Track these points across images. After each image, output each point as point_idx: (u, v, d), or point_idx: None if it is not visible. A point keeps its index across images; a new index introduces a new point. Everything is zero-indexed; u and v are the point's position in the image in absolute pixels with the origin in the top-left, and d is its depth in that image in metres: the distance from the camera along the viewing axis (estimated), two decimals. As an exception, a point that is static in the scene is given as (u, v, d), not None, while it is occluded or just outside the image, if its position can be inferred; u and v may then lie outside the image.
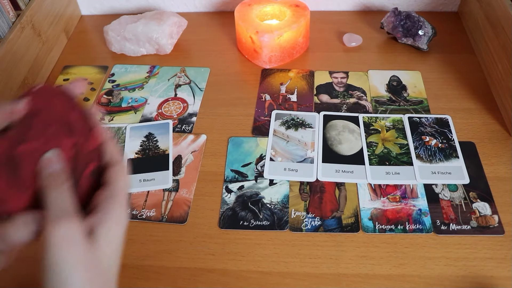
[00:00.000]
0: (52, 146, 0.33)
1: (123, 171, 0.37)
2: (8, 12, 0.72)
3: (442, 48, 0.82)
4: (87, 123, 0.36)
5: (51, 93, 0.35)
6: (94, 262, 0.31)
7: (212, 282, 0.53)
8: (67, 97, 0.36)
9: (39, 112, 0.34)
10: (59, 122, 0.34)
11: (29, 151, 0.32)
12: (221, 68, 0.81)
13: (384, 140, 0.67)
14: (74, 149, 0.35)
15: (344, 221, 0.58)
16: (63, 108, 0.35)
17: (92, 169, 0.36)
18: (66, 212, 0.31)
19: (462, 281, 0.52)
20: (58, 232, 0.30)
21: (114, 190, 0.35)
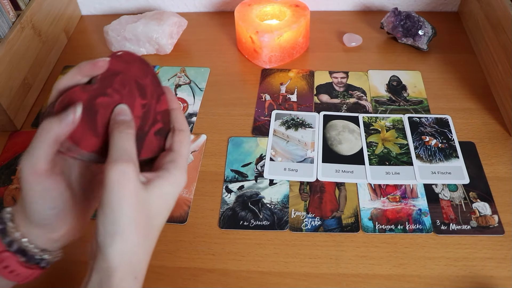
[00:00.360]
0: (126, 102, 0.38)
1: (187, 139, 0.40)
2: (8, 12, 0.72)
3: (442, 48, 0.82)
4: (158, 89, 0.42)
5: (131, 58, 0.40)
6: (143, 205, 0.34)
7: (212, 282, 0.53)
8: (144, 64, 0.41)
9: (119, 73, 0.39)
10: (134, 84, 0.39)
11: (106, 103, 0.37)
12: (221, 68, 0.81)
13: (384, 140, 0.67)
14: (144, 109, 0.39)
15: (344, 221, 0.58)
16: (139, 72, 0.40)
17: (157, 129, 0.40)
18: (126, 155, 0.34)
19: (462, 281, 0.52)
20: (115, 170, 0.33)
21: (176, 156, 0.38)
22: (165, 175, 0.36)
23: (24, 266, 0.37)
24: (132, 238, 0.33)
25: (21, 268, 0.36)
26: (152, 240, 0.36)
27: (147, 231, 0.35)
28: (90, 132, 0.36)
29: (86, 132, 0.36)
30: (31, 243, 0.37)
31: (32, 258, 0.37)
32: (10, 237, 0.36)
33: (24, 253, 0.37)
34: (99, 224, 0.33)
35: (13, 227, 0.36)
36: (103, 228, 0.32)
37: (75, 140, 0.36)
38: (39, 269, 0.38)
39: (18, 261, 0.36)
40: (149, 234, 0.35)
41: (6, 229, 0.36)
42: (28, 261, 0.37)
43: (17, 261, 0.36)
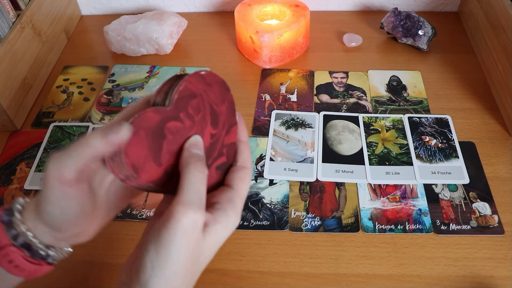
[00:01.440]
0: (196, 131, 0.35)
1: (248, 177, 0.38)
2: (8, 12, 0.72)
3: (442, 48, 0.82)
4: (232, 119, 0.38)
5: (212, 80, 0.36)
6: (198, 253, 0.33)
7: (212, 282, 0.53)
8: (224, 88, 0.37)
9: (196, 95, 0.35)
10: (208, 110, 0.36)
11: (176, 129, 0.33)
12: (221, 68, 0.81)
13: (384, 140, 0.67)
14: (212, 139, 0.36)
15: (344, 221, 0.58)
16: (216, 97, 0.36)
17: (220, 163, 0.37)
18: (200, 201, 0.32)
19: (462, 281, 0.52)
20: (187, 217, 0.31)
21: (235, 195, 0.36)
22: (221, 218, 0.34)
23: (29, 261, 0.36)
24: (177, 285, 0.32)
25: (26, 263, 0.36)
26: (193, 283, 0.35)
27: (192, 276, 0.34)
28: (153, 159, 0.33)
29: (149, 159, 0.32)
30: (35, 238, 0.36)
31: (36, 253, 0.36)
32: (16, 230, 0.35)
33: (28, 248, 0.36)
34: (148, 261, 0.31)
35: (20, 220, 0.36)
36: (151, 267, 0.31)
37: (136, 167, 0.32)
38: (47, 264, 0.38)
39: (22, 256, 0.36)
40: (193, 278, 0.34)
41: (12, 220, 0.36)
42: (33, 256, 0.36)
43: (21, 256, 0.36)
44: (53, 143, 0.69)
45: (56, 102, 0.77)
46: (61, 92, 0.78)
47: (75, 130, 0.71)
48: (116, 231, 0.58)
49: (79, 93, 0.78)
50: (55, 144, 0.69)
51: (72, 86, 0.79)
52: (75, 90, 0.78)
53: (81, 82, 0.80)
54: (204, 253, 0.34)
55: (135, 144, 0.31)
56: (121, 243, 0.57)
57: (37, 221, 0.36)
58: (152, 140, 0.32)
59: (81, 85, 0.79)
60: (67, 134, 0.70)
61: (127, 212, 0.60)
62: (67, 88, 0.79)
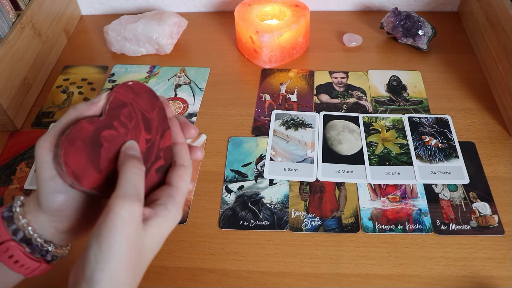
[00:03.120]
0: (131, 137, 0.37)
1: (188, 175, 0.40)
2: (8, 12, 0.72)
3: (442, 48, 0.82)
4: (164, 124, 0.40)
5: (140, 88, 0.39)
6: (139, 244, 0.34)
7: (212, 282, 0.53)
8: (152, 96, 0.40)
9: (126, 104, 0.37)
10: (140, 117, 0.38)
11: (112, 136, 0.36)
12: (221, 68, 0.81)
13: (384, 140, 0.67)
14: (148, 144, 0.38)
15: (344, 221, 0.58)
16: (146, 105, 0.39)
17: (159, 166, 0.39)
18: (136, 193, 0.34)
19: (462, 281, 0.52)
20: (123, 207, 0.32)
21: (175, 191, 0.38)
22: (162, 212, 0.36)
23: (29, 257, 0.37)
24: (122, 278, 0.32)
25: (26, 259, 0.36)
26: (140, 276, 0.36)
27: (137, 268, 0.34)
28: (92, 167, 0.35)
29: (89, 167, 0.34)
30: (35, 232, 0.36)
31: (36, 248, 0.37)
32: (16, 225, 0.36)
33: (28, 243, 0.36)
34: (91, 256, 0.32)
35: (20, 213, 0.36)
36: (95, 261, 0.32)
37: (77, 175, 0.34)
38: (46, 263, 0.38)
39: (23, 251, 0.36)
40: (138, 271, 0.35)
41: (13, 215, 0.36)
42: (32, 253, 0.37)
43: (22, 251, 0.36)
44: (53, 143, 0.69)
45: (56, 102, 0.77)
46: (61, 92, 0.78)
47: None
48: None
49: (79, 93, 0.78)
50: (55, 144, 0.69)
51: (72, 86, 0.79)
52: (75, 90, 0.78)
53: (81, 82, 0.80)
54: (147, 246, 0.35)
55: (74, 153, 0.34)
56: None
57: (37, 212, 0.36)
58: (89, 149, 0.34)
59: (81, 85, 0.79)
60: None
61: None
62: (67, 88, 0.79)
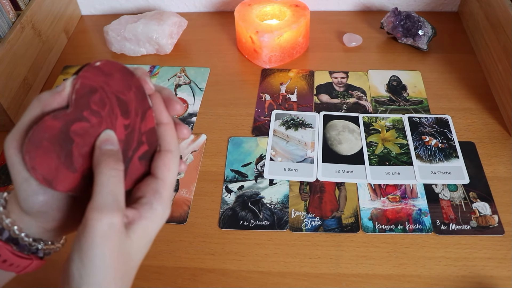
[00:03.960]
0: (106, 126, 0.32)
1: (174, 162, 0.35)
2: (8, 12, 0.72)
3: (442, 48, 0.82)
4: (144, 103, 0.35)
5: (111, 68, 0.34)
6: (124, 253, 0.31)
7: (212, 282, 0.53)
8: (126, 74, 0.34)
9: (96, 89, 0.32)
10: (115, 101, 0.33)
11: (83, 130, 0.31)
12: (221, 68, 0.81)
13: (384, 140, 0.67)
14: (127, 130, 0.33)
15: (344, 221, 0.58)
16: (120, 86, 0.34)
17: (142, 153, 0.34)
18: (115, 203, 0.30)
19: (462, 281, 0.52)
20: (101, 222, 0.29)
21: (160, 184, 0.34)
22: (147, 213, 0.32)
23: (18, 256, 0.35)
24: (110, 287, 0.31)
25: (15, 257, 0.34)
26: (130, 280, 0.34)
27: (126, 275, 0.32)
28: (65, 168, 0.31)
29: (61, 169, 0.30)
30: (21, 231, 0.34)
31: (25, 247, 0.35)
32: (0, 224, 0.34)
33: (16, 242, 0.35)
34: (75, 270, 0.30)
35: (3, 213, 0.34)
36: (79, 276, 0.30)
37: (48, 180, 0.30)
38: (37, 259, 0.36)
39: (10, 250, 0.34)
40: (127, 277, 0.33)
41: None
42: (22, 251, 0.35)
43: (9, 251, 0.34)
44: (53, 143, 0.69)
45: (56, 102, 0.76)
46: (61, 92, 0.78)
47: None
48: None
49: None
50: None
51: (72, 86, 0.79)
52: (75, 90, 0.78)
53: (81, 82, 0.80)
54: (133, 251, 0.32)
55: (41, 156, 0.29)
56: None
57: (21, 213, 0.34)
58: (59, 148, 0.30)
59: (81, 85, 0.79)
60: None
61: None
62: (67, 88, 0.79)
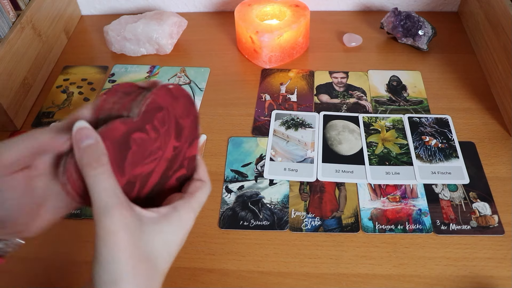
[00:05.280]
0: (160, 143, 0.35)
1: (206, 189, 0.38)
2: (8, 12, 0.72)
3: (442, 48, 0.82)
4: (195, 132, 0.39)
5: (179, 93, 0.37)
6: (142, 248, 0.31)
7: (212, 282, 0.53)
8: (189, 102, 0.38)
9: (162, 108, 0.35)
10: (174, 123, 0.36)
11: (141, 140, 0.34)
12: (221, 68, 0.81)
13: (384, 140, 0.67)
14: (174, 152, 0.37)
15: (344, 221, 0.58)
16: (182, 111, 0.37)
17: (181, 175, 0.38)
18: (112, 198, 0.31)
19: (462, 281, 0.52)
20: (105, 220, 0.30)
21: (191, 198, 0.36)
22: (171, 215, 0.34)
23: None
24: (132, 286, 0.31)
25: None
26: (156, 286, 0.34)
27: (149, 276, 0.32)
28: (117, 169, 0.33)
29: (115, 170, 0.32)
30: None
31: None
32: None
33: None
34: (95, 274, 0.30)
35: None
36: (99, 278, 0.30)
37: None
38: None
39: None
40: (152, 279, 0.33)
41: None
42: None
43: None
44: (53, 143, 0.69)
45: (56, 102, 0.77)
46: (61, 92, 0.78)
47: (75, 130, 0.71)
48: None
49: (79, 93, 0.78)
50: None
51: (72, 86, 0.79)
52: (75, 90, 0.78)
53: (81, 82, 0.80)
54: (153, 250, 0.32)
55: None
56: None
57: None
58: (117, 150, 0.32)
59: (81, 85, 0.79)
60: (67, 134, 0.70)
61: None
62: (67, 88, 0.79)
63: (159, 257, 0.33)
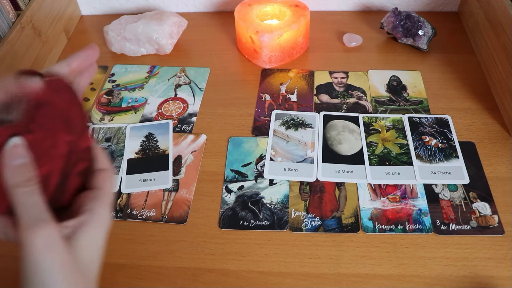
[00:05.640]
0: (49, 140, 0.33)
1: (111, 177, 0.37)
2: (8, 12, 0.72)
3: (442, 48, 0.82)
4: (84, 122, 0.36)
5: (58, 85, 0.35)
6: (74, 265, 0.31)
7: (212, 282, 0.53)
8: (72, 92, 0.35)
9: (44, 104, 0.33)
10: (60, 117, 0.34)
11: (30, 141, 0.32)
12: (221, 68, 0.81)
13: (384, 140, 0.67)
14: (68, 147, 0.34)
15: (344, 221, 0.58)
16: (66, 102, 0.34)
17: (81, 169, 0.36)
18: (42, 217, 0.30)
19: (462, 281, 0.52)
20: (35, 239, 0.29)
21: (100, 193, 0.35)
22: (90, 219, 0.33)
23: None
24: None
25: None
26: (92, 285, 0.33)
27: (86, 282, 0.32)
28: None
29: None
30: None
31: None
32: None
33: None
34: None
35: None
36: None
37: None
38: None
39: None
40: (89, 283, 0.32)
41: None
42: None
43: None
44: (53, 143, 0.69)
45: (56, 102, 0.77)
46: (61, 92, 0.78)
47: (75, 130, 0.71)
48: (115, 231, 0.58)
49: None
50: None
51: (72, 86, 0.79)
52: (75, 90, 0.78)
53: (81, 82, 0.80)
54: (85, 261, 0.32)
55: None
56: (120, 243, 0.57)
57: None
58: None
59: (81, 85, 0.79)
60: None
61: (126, 212, 0.60)
62: (67, 88, 0.79)
63: (90, 263, 0.33)
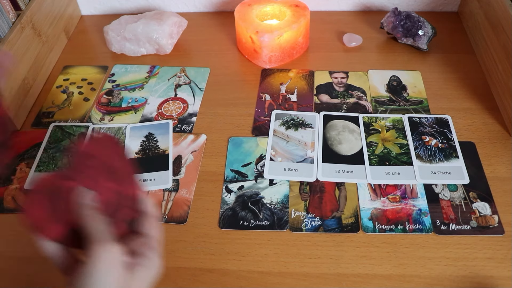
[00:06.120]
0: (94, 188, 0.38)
1: (155, 222, 0.41)
2: (8, 12, 0.72)
3: (442, 48, 0.82)
4: (129, 172, 0.41)
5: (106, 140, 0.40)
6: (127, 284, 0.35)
7: (212, 282, 0.53)
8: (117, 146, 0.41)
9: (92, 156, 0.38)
10: (105, 167, 0.39)
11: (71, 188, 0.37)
12: (221, 68, 0.81)
13: (384, 140, 0.67)
14: (113, 194, 0.39)
15: (344, 221, 0.58)
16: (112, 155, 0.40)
17: (125, 214, 0.40)
18: (108, 235, 0.35)
19: (462, 281, 0.52)
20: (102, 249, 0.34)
21: (148, 239, 0.40)
22: (144, 262, 0.38)
23: None
24: None
25: None
26: None
27: None
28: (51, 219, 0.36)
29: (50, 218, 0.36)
30: None
31: None
32: None
33: None
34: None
35: None
36: None
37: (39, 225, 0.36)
38: None
39: None
40: None
41: None
42: None
43: None
44: (53, 143, 0.69)
45: (56, 102, 0.77)
46: (61, 92, 0.78)
47: (75, 130, 0.71)
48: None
49: (79, 93, 0.78)
50: (55, 144, 0.69)
51: (72, 86, 0.79)
52: (75, 90, 0.78)
53: (81, 82, 0.80)
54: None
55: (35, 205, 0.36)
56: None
57: None
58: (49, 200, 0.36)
59: (81, 85, 0.79)
60: (67, 134, 0.70)
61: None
62: (67, 88, 0.79)
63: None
